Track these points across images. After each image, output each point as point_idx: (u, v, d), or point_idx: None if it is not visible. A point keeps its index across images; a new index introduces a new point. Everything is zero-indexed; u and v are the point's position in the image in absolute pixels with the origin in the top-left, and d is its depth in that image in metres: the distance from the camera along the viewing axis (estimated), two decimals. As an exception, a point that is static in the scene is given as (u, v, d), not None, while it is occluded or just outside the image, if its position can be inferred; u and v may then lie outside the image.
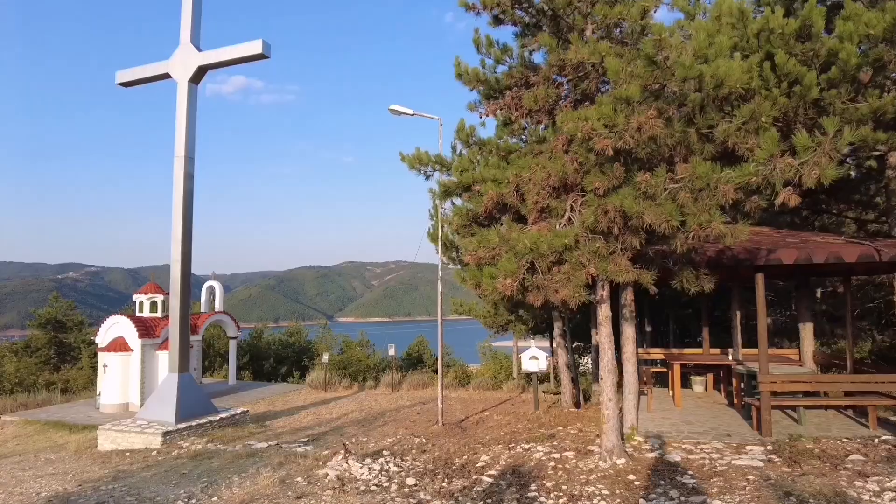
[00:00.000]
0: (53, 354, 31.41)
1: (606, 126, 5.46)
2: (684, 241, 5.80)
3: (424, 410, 15.63)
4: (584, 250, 5.97)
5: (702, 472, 6.55)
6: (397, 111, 12.94)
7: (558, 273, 6.10)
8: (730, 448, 7.55)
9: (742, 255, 7.85)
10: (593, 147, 5.72)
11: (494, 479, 7.12)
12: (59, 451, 12.56)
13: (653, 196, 5.66)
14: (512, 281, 5.72)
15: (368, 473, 8.18)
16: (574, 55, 6.60)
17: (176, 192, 13.61)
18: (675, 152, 6.12)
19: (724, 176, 5.39)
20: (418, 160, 8.62)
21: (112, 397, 17.41)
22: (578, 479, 6.63)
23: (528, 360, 14.19)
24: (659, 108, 5.45)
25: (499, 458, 8.33)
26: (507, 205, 6.90)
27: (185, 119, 13.70)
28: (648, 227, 5.63)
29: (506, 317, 22.48)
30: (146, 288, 18.86)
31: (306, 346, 36.27)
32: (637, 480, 6.35)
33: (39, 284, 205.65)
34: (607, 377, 7.21)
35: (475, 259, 6.76)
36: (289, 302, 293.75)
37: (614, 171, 5.97)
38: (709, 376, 11.86)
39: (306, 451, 10.19)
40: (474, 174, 7.41)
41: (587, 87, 7.14)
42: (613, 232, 6.08)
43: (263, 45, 13.10)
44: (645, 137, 5.50)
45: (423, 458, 9.17)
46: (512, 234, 6.05)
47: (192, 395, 13.36)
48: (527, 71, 7.87)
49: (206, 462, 9.90)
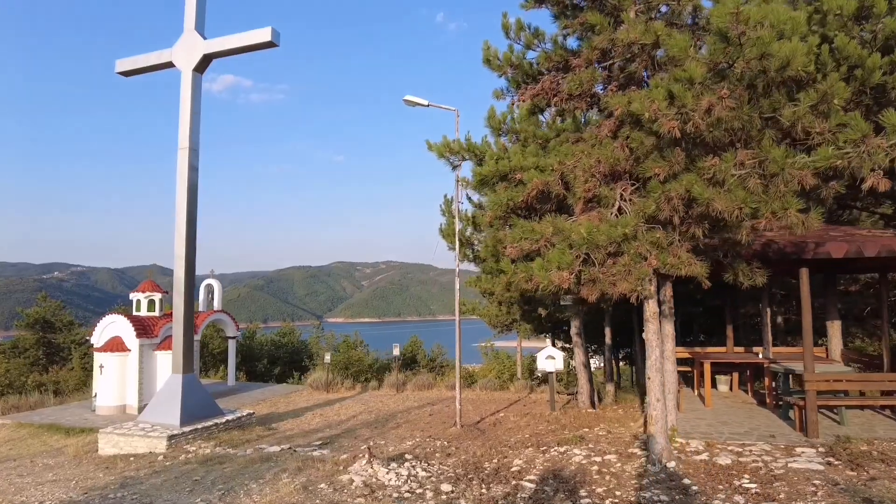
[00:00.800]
0: (42, 355, 30.59)
1: (676, 107, 5.08)
2: (749, 231, 5.43)
3: (436, 412, 15.19)
4: (644, 241, 5.58)
5: (759, 476, 6.20)
6: (412, 102, 12.51)
7: (613, 266, 5.70)
8: (778, 450, 7.21)
9: (789, 248, 7.52)
10: (657, 130, 5.34)
11: (536, 484, 6.72)
12: (56, 456, 11.97)
13: (720, 182, 5.28)
14: (569, 273, 5.32)
15: (397, 479, 7.74)
16: (626, 35, 6.22)
17: (180, 184, 13.07)
18: (734, 137, 5.76)
19: (798, 160, 5.03)
20: (448, 149, 8.20)
21: (108, 399, 16.77)
22: (630, 483, 6.25)
23: (544, 360, 13.82)
24: (730, 89, 5.08)
25: (533, 461, 7.93)
26: (551, 194, 6.50)
27: (190, 109, 13.16)
28: (716, 215, 5.25)
29: (511, 316, 22.14)
30: (144, 286, 18.24)
31: (300, 346, 35.70)
32: (694, 485, 5.98)
33: (24, 284, 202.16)
34: (655, 376, 6.84)
35: (518, 251, 6.37)
36: (278, 302, 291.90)
37: (675, 156, 5.59)
38: (734, 375, 11.56)
39: (323, 455, 9.72)
40: (511, 162, 7.00)
41: (634, 70, 6.76)
42: (673, 221, 5.71)
43: (272, 32, 12.60)
44: (714, 120, 5.12)
45: (449, 461, 8.75)
46: (566, 223, 5.64)
47: (197, 397, 12.83)
48: (566, 54, 7.48)
49: (219, 467, 9.39)
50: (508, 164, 6.98)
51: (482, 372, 26.45)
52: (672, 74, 5.42)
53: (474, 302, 25.05)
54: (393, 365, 21.19)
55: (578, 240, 5.45)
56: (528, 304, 16.43)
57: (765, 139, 5.61)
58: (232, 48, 13.00)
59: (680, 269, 5.65)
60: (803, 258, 7.53)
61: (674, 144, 5.66)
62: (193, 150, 13.20)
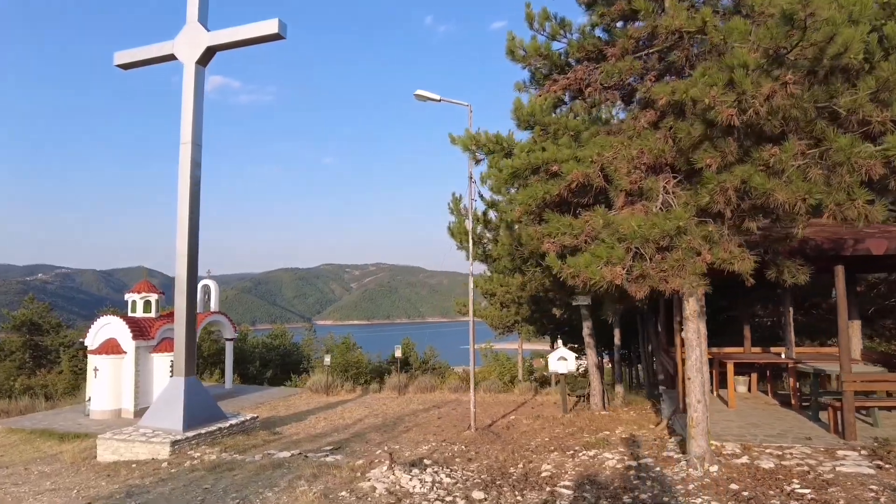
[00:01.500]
0: (28, 358, 29.84)
1: (735, 94, 4.82)
2: (806, 224, 5.18)
3: (444, 415, 14.85)
4: (695, 235, 5.32)
5: (808, 480, 5.95)
6: (424, 97, 12.21)
7: (662, 261, 5.43)
8: (818, 453, 6.99)
9: (826, 244, 7.31)
10: (711, 118, 5.08)
11: (573, 490, 6.42)
12: (52, 463, 11.46)
13: (779, 172, 5.03)
14: (621, 268, 5.03)
15: (421, 486, 7.40)
16: (671, 21, 5.96)
17: (182, 181, 12.64)
18: (786, 127, 5.52)
19: (864, 149, 4.79)
20: (474, 141, 7.89)
21: (103, 403, 16.24)
22: (676, 489, 5.98)
23: (556, 361, 13.55)
24: (792, 75, 4.84)
25: (563, 466, 7.64)
26: (592, 186, 6.22)
27: (193, 103, 12.74)
28: (774, 207, 5.00)
29: (514, 317, 21.85)
30: (140, 286, 17.71)
31: (292, 348, 35.21)
32: (745, 490, 5.72)
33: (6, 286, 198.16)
34: (696, 376, 6.58)
35: (557, 247, 6.07)
36: (266, 304, 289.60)
37: (728, 146, 5.34)
38: (752, 376, 11.37)
39: (337, 461, 9.35)
40: (545, 154, 6.72)
41: (675, 60, 6.51)
42: (724, 215, 5.45)
43: (279, 24, 12.24)
44: (773, 107, 4.87)
45: (472, 467, 8.43)
46: (616, 216, 5.36)
47: (200, 401, 12.38)
48: (600, 43, 7.21)
49: (228, 474, 8.99)
50: (542, 155, 6.69)
51: (482, 374, 26.14)
52: (724, 61, 5.16)
53: (475, 303, 24.72)
54: (392, 367, 20.73)
55: (630, 233, 5.16)
56: (537, 305, 16.15)
57: (817, 128, 5.38)
58: (237, 40, 12.60)
59: (732, 264, 5.40)
60: (841, 255, 7.33)
61: (726, 134, 5.41)
62: (196, 144, 12.78)
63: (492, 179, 7.34)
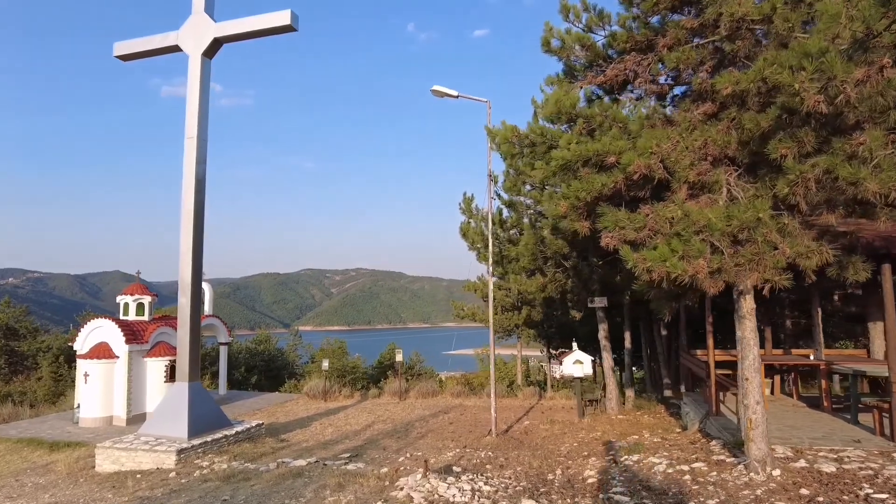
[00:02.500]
0: (4, 364, 28.66)
1: (824, 79, 4.58)
2: (890, 216, 4.97)
3: (454, 420, 14.45)
4: (772, 227, 5.07)
5: (879, 484, 5.73)
6: (441, 92, 11.90)
7: (736, 255, 5.17)
8: (875, 456, 6.80)
9: (877, 242, 7.15)
10: (795, 106, 4.84)
11: (630, 497, 6.11)
12: (45, 474, 10.77)
13: (865, 162, 4.81)
14: (703, 262, 4.75)
15: (461, 494, 7.01)
16: (737, 9, 5.74)
17: (186, 177, 12.09)
18: (860, 116, 5.31)
19: (958, 138, 4.59)
20: (514, 133, 7.58)
21: (93, 410, 15.46)
22: (743, 494, 5.70)
23: (571, 365, 13.29)
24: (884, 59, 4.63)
25: (608, 472, 7.33)
26: (653, 178, 5.95)
27: (198, 97, 12.23)
28: (862, 198, 4.77)
29: (513, 321, 21.57)
30: (132, 288, 16.99)
31: (276, 354, 34.48)
32: (818, 496, 5.47)
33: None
34: (754, 377, 6.33)
35: (618, 240, 5.78)
36: (244, 310, 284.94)
37: (806, 135, 5.11)
38: (776, 378, 11.23)
39: (360, 469, 8.90)
40: (597, 145, 6.44)
41: (735, 49, 6.30)
42: (801, 207, 5.21)
43: (291, 16, 11.80)
44: (864, 94, 4.65)
45: (507, 473, 8.07)
46: (694, 208, 5.09)
47: (205, 407, 11.80)
48: (650, 33, 6.98)
49: (245, 485, 8.48)
50: (594, 146, 6.41)
51: (478, 379, 25.76)
52: (805, 46, 4.93)
53: (473, 307, 24.38)
54: (399, 372, 20.27)
55: (709, 225, 4.89)
56: (549, 307, 15.88)
57: (891, 118, 5.19)
58: (246, 31, 12.14)
59: (809, 258, 5.16)
60: (892, 252, 7.18)
61: (802, 124, 5.18)
62: (201, 139, 12.25)
63: (539, 171, 6.99)
